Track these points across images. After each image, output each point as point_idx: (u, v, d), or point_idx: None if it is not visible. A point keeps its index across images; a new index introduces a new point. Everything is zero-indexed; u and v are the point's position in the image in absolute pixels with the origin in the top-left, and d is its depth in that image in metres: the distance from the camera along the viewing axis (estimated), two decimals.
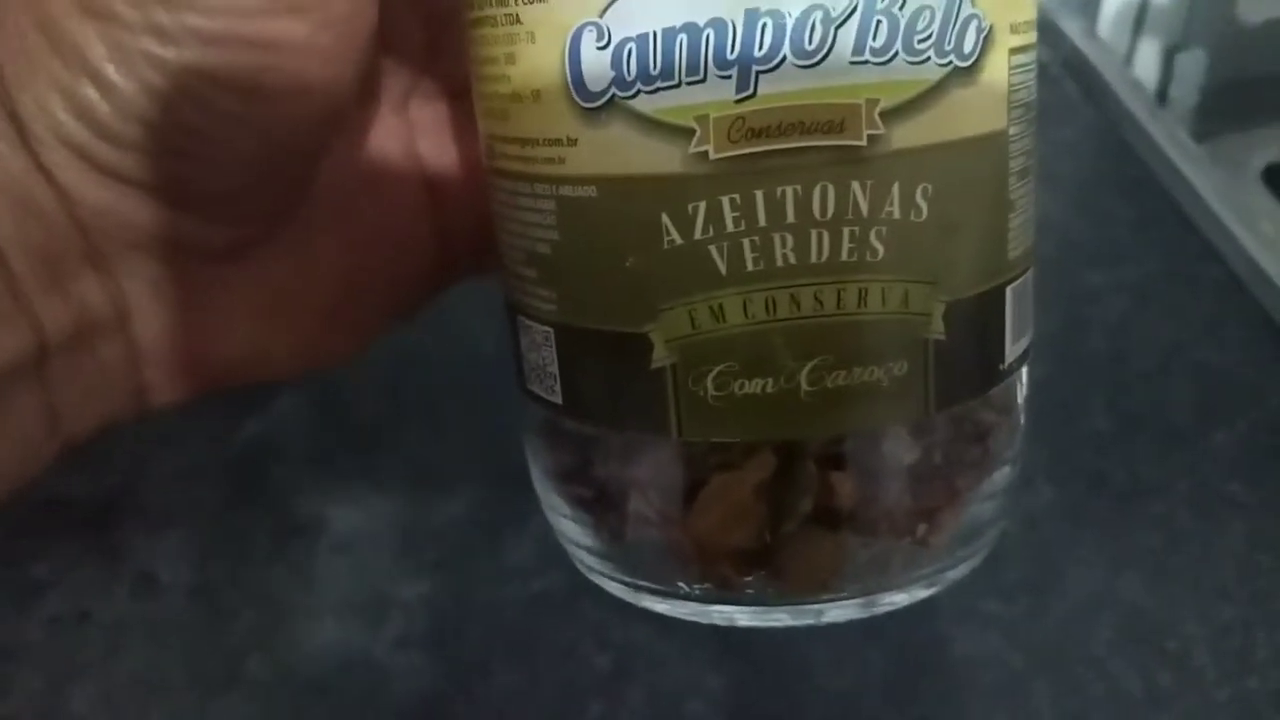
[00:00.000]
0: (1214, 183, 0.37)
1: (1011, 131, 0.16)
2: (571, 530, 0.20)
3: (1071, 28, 0.42)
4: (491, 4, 0.16)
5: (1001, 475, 0.19)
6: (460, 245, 0.22)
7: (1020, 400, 0.20)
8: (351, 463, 0.31)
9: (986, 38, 0.15)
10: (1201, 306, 0.35)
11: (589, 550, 0.19)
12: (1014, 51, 0.16)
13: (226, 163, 0.17)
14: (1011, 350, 0.18)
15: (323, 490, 0.31)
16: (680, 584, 0.18)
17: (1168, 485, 0.31)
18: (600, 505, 0.19)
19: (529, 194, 0.17)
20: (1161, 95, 0.42)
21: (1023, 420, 0.20)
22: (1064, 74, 0.41)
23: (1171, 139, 0.38)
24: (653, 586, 0.18)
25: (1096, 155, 0.39)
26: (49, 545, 0.30)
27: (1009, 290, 0.17)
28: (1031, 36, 0.17)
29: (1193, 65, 0.41)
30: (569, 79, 0.15)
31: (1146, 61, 0.43)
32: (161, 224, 0.17)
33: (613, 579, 0.19)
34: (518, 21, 0.15)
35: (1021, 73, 0.16)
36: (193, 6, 0.15)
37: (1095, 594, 0.29)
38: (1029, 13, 0.17)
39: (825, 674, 0.28)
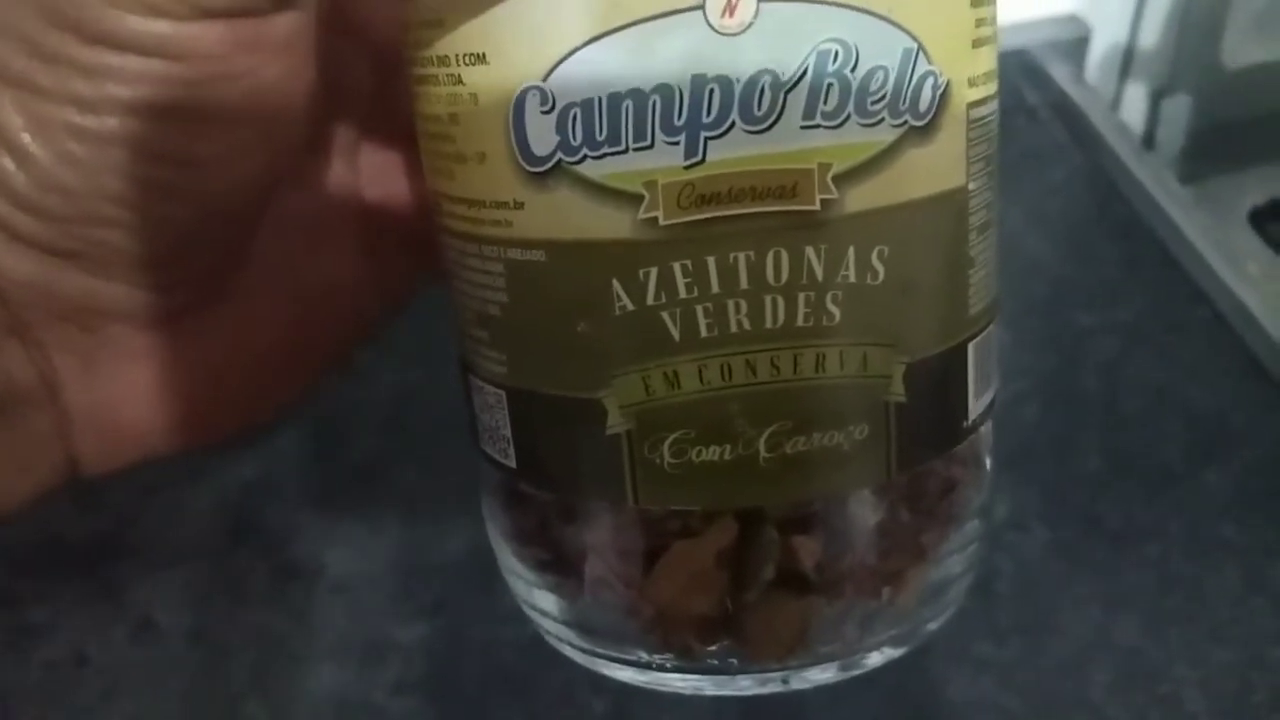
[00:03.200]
0: (1201, 225, 0.37)
1: (971, 187, 0.16)
2: (530, 594, 0.19)
3: (1059, 72, 0.42)
4: (433, 63, 0.15)
5: (969, 529, 0.19)
6: (403, 289, 0.21)
7: (987, 452, 0.19)
8: (348, 503, 0.31)
9: (943, 94, 0.15)
10: (1190, 348, 0.35)
11: (546, 614, 0.19)
12: (973, 105, 0.16)
13: (154, 231, 0.17)
14: (975, 406, 0.17)
15: (320, 531, 0.31)
16: (641, 653, 0.18)
17: (1161, 527, 0.31)
18: (559, 569, 0.18)
19: (477, 255, 0.16)
20: (1148, 139, 0.43)
21: (989, 470, 0.20)
22: (1052, 117, 0.41)
23: (1158, 182, 0.38)
24: (613, 654, 0.18)
25: (1084, 198, 0.39)
26: (46, 587, 0.30)
27: (971, 346, 0.17)
28: (991, 87, 0.17)
29: (1179, 109, 0.42)
30: (513, 142, 0.15)
31: (1133, 105, 0.43)
32: (88, 294, 0.17)
33: (570, 644, 0.19)
34: (460, 82, 0.15)
35: (980, 126, 0.16)
36: (113, 75, 0.15)
37: (1089, 637, 0.28)
38: (988, 64, 0.16)
39: (820, 718, 0.27)
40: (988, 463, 0.19)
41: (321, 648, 0.29)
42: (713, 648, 0.17)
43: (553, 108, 0.14)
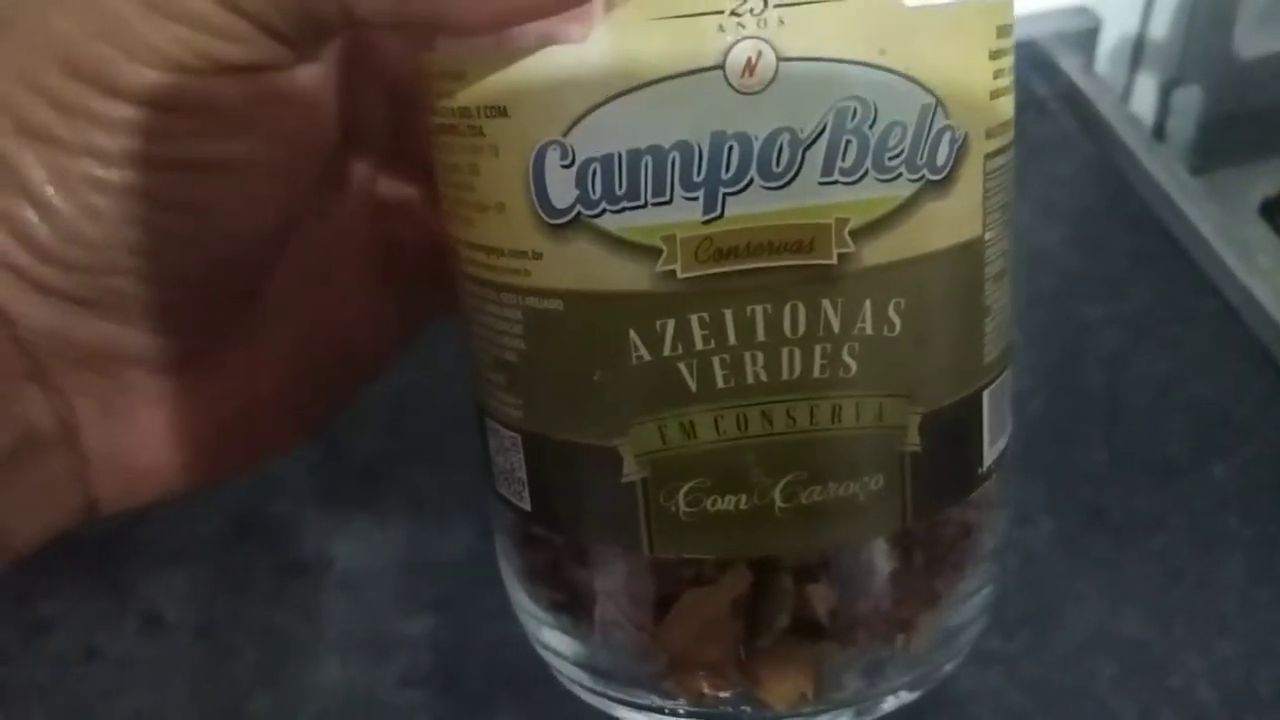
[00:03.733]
0: (1211, 217, 0.37)
1: (987, 236, 0.16)
2: (542, 634, 0.19)
3: (1069, 63, 0.42)
4: (454, 113, 0.16)
5: (984, 572, 0.19)
6: (419, 322, 0.22)
7: (1002, 495, 0.19)
8: (354, 498, 0.31)
9: (960, 148, 0.15)
10: (1198, 340, 0.35)
11: (561, 656, 0.19)
12: (989, 156, 0.16)
13: (173, 279, 0.17)
14: (990, 453, 0.17)
15: (326, 527, 0.31)
16: (653, 697, 0.18)
17: (1166, 519, 0.30)
18: (572, 611, 0.18)
19: (495, 302, 0.16)
20: (1159, 130, 0.43)
21: (1005, 513, 0.20)
22: (1062, 109, 0.41)
23: (1169, 173, 0.38)
24: (625, 698, 0.18)
25: (1094, 189, 0.39)
26: (55, 582, 0.30)
27: (985, 394, 0.17)
28: (1009, 136, 0.17)
29: (1190, 100, 0.41)
30: (533, 195, 0.15)
31: (1144, 96, 0.43)
32: (107, 340, 0.17)
33: (585, 687, 0.19)
34: (481, 134, 0.15)
35: (997, 176, 0.16)
36: (134, 129, 0.15)
37: (1095, 630, 0.28)
38: (1006, 113, 0.16)
39: None
40: (1003, 507, 0.19)
41: (327, 642, 0.29)
42: (725, 694, 0.17)
43: (573, 162, 0.14)
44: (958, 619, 0.19)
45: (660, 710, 0.18)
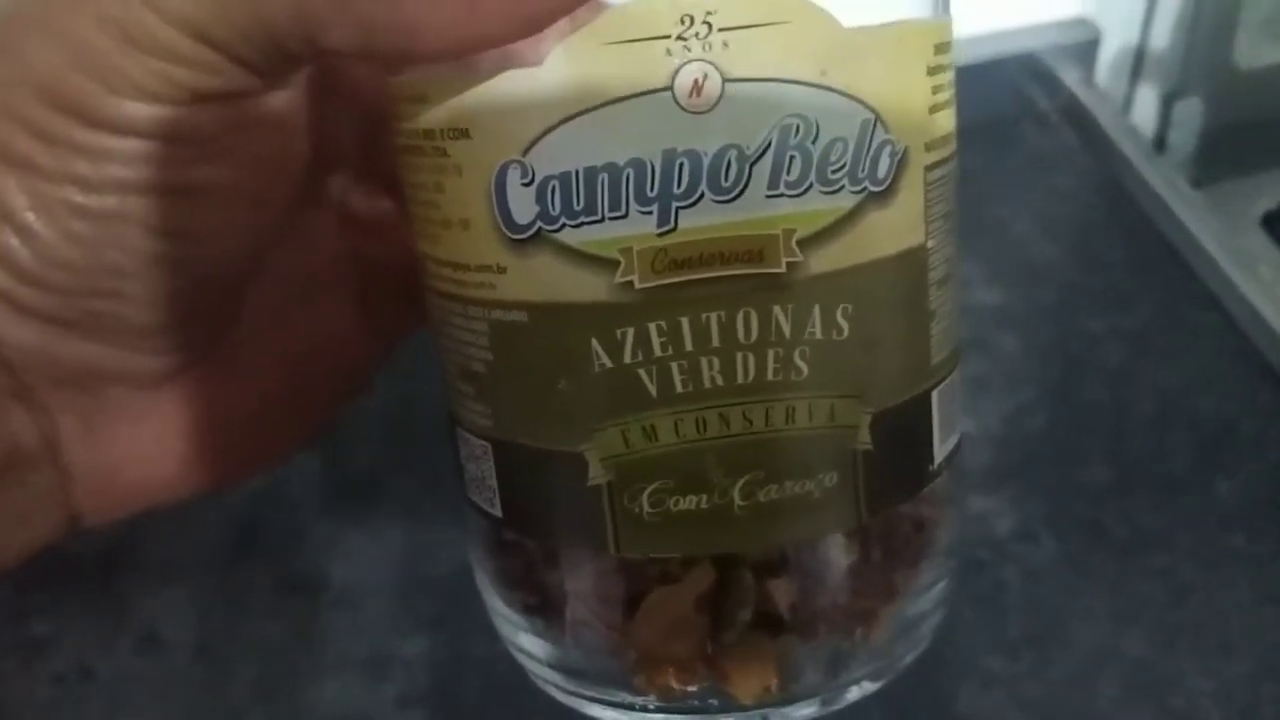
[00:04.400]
0: (1212, 229, 0.36)
1: (930, 244, 0.17)
2: (516, 637, 0.20)
3: (1069, 75, 0.42)
4: (418, 135, 0.16)
5: (939, 564, 0.20)
6: (396, 337, 0.22)
7: (954, 492, 0.20)
8: (352, 515, 0.31)
9: (900, 161, 0.16)
10: (1201, 354, 0.34)
11: (536, 659, 0.19)
12: (930, 168, 0.17)
13: (152, 300, 0.17)
14: (940, 450, 0.18)
15: (324, 544, 0.31)
16: (624, 694, 0.18)
17: (1170, 537, 0.30)
18: (543, 613, 0.19)
19: (462, 315, 0.17)
20: (1159, 142, 0.42)
21: (957, 509, 0.21)
22: (1062, 121, 0.41)
23: (1170, 186, 0.38)
24: (597, 696, 0.18)
25: (1094, 202, 0.39)
26: (52, 601, 0.30)
27: (934, 394, 0.18)
28: (950, 148, 0.18)
29: (1190, 112, 0.41)
30: (496, 211, 0.16)
31: (1144, 108, 0.43)
32: (88, 360, 0.17)
33: (559, 688, 0.19)
34: (444, 154, 0.16)
35: (939, 187, 0.17)
36: (112, 156, 0.16)
37: (1099, 649, 0.28)
38: (945, 126, 0.17)
39: None
40: (958, 503, 0.20)
41: (325, 661, 0.29)
42: (693, 688, 0.18)
43: (532, 180, 0.15)
44: (915, 611, 0.19)
45: (631, 707, 0.18)
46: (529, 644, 0.20)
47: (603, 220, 0.15)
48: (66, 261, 0.16)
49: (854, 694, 0.19)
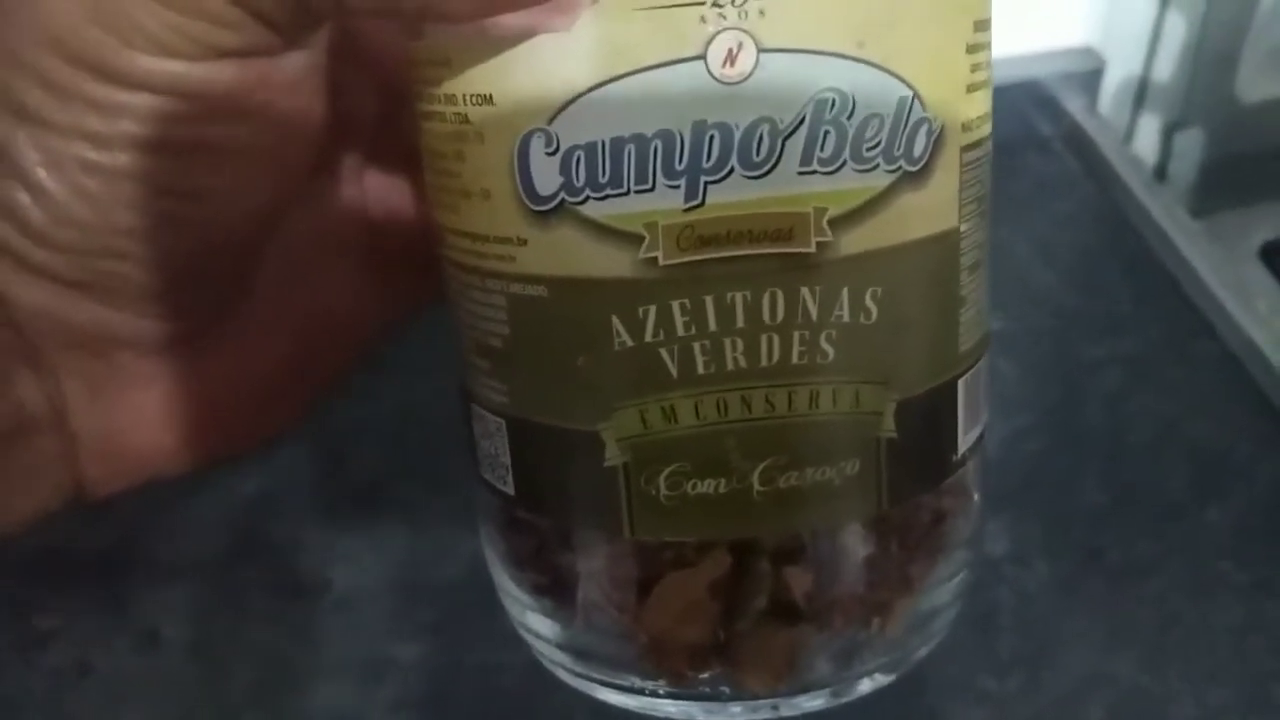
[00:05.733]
0: (1211, 259, 0.37)
1: (963, 228, 0.16)
2: (525, 618, 0.19)
3: (1073, 104, 0.42)
4: (441, 100, 0.16)
5: (957, 558, 0.19)
6: (407, 308, 0.22)
7: (976, 484, 0.20)
8: (353, 519, 0.32)
9: (937, 140, 0.15)
10: (1197, 382, 0.35)
11: (541, 638, 0.19)
12: (966, 149, 0.16)
13: (163, 261, 0.17)
14: (964, 441, 0.18)
15: (324, 547, 0.31)
16: (634, 678, 0.18)
17: (1162, 563, 0.31)
18: (554, 594, 0.19)
19: (480, 288, 0.17)
20: (1160, 172, 0.43)
21: (978, 501, 0.20)
22: (1064, 149, 0.41)
23: (1170, 215, 0.38)
24: (606, 679, 0.18)
25: (1095, 230, 0.39)
26: (53, 597, 0.30)
27: (960, 383, 0.17)
28: (985, 130, 0.17)
29: (1192, 143, 0.41)
30: (518, 182, 0.15)
31: (1146, 138, 0.43)
32: (98, 322, 0.17)
33: (565, 668, 0.19)
34: (466, 121, 0.15)
35: (974, 168, 0.17)
36: (126, 112, 0.15)
37: (1088, 672, 0.28)
38: (982, 107, 0.17)
39: None
40: (976, 494, 0.20)
41: (321, 664, 0.29)
42: (704, 675, 0.17)
43: (557, 150, 0.15)
44: (932, 604, 0.19)
45: (640, 691, 0.18)
46: (537, 624, 0.19)
47: (628, 193, 0.14)
48: (77, 219, 0.16)
49: (866, 686, 0.18)
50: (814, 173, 0.14)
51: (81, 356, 0.18)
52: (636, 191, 0.14)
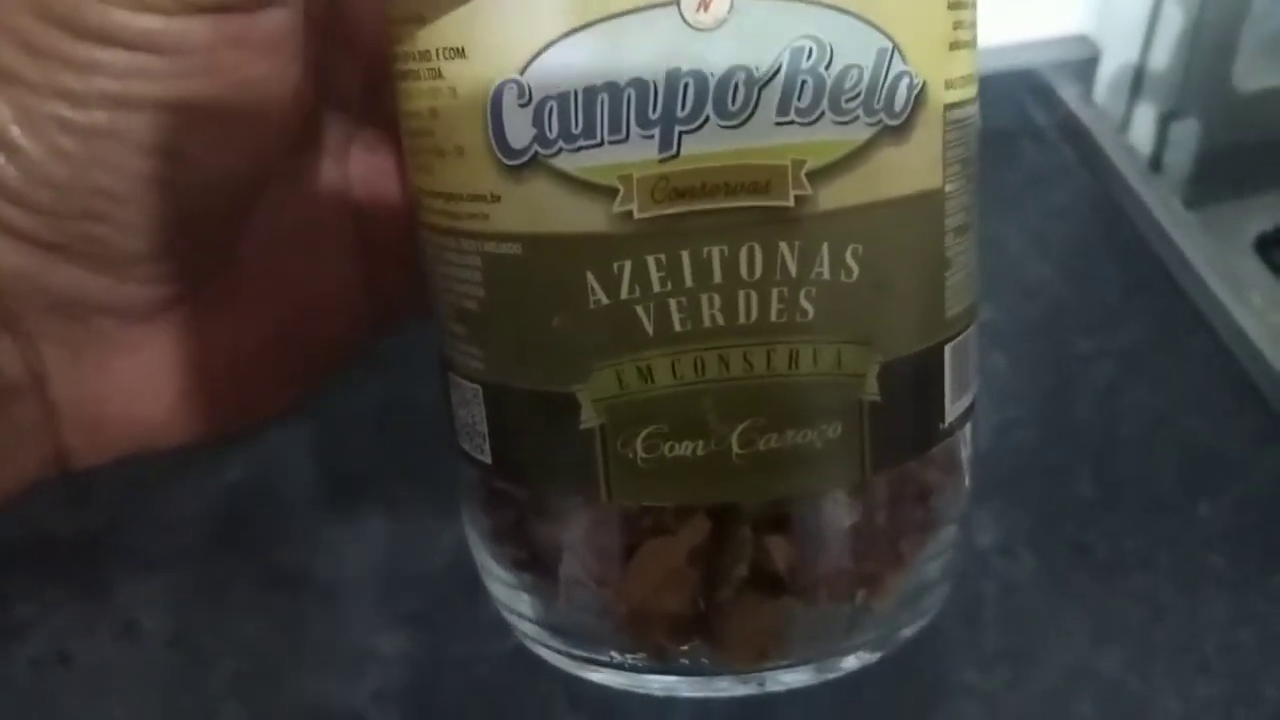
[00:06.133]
0: (1206, 251, 0.37)
1: (948, 189, 0.16)
2: (506, 595, 0.19)
3: (1068, 92, 0.42)
4: (415, 58, 0.16)
5: (947, 535, 0.19)
6: (395, 297, 0.22)
7: (965, 457, 0.19)
8: (336, 511, 0.31)
9: (919, 96, 0.15)
10: (1190, 376, 0.35)
11: (523, 616, 0.19)
12: (950, 107, 0.16)
13: (142, 224, 0.17)
14: (952, 409, 0.17)
15: (306, 538, 0.31)
16: (613, 652, 0.17)
17: (1151, 557, 0.30)
18: (534, 569, 0.18)
19: (455, 249, 0.16)
20: (1156, 162, 0.42)
21: (968, 478, 0.20)
22: (1059, 138, 0.41)
23: (1164, 206, 0.38)
24: (587, 655, 0.18)
25: (1089, 220, 0.39)
26: (33, 585, 0.30)
27: (947, 349, 0.17)
28: (970, 91, 0.17)
29: (1188, 132, 0.41)
30: (491, 135, 0.15)
31: (1142, 128, 0.43)
32: (77, 286, 0.17)
33: (547, 646, 0.18)
34: (440, 76, 0.15)
35: (958, 128, 0.16)
36: (101, 69, 0.15)
37: (1075, 667, 0.28)
38: (966, 67, 0.16)
39: None
40: (966, 468, 0.19)
41: (303, 656, 0.29)
42: (685, 647, 0.17)
43: (529, 101, 0.14)
44: (921, 580, 0.19)
45: (620, 666, 0.18)
46: (518, 602, 0.19)
47: (601, 144, 0.14)
48: (53, 180, 0.16)
49: (852, 663, 0.18)
50: (791, 123, 0.14)
51: (61, 322, 0.18)
52: (610, 142, 0.14)
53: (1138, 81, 0.42)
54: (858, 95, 0.14)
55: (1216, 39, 0.39)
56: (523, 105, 0.14)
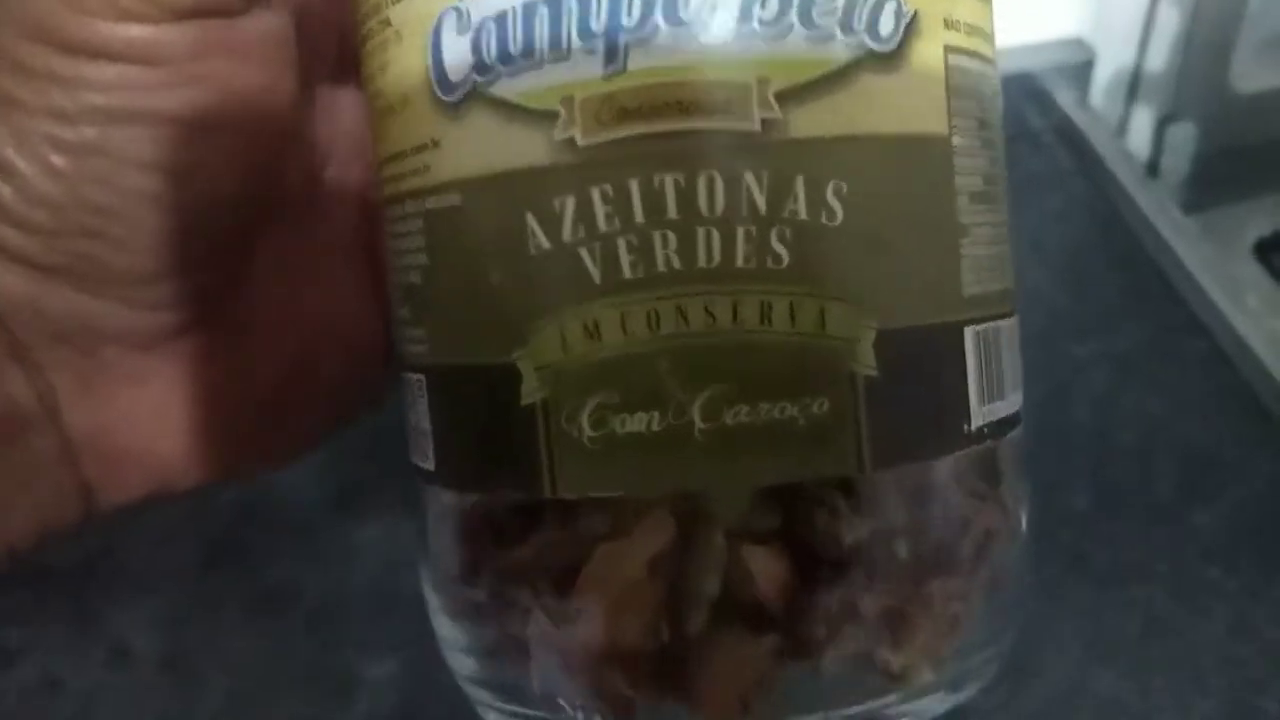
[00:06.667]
0: (1203, 256, 0.36)
1: (956, 142, 0.14)
2: (452, 653, 0.16)
3: (1064, 96, 0.41)
4: (371, 15, 0.15)
5: (993, 583, 0.15)
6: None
7: (1014, 491, 0.16)
8: (329, 530, 0.31)
9: (910, 25, 0.13)
10: (1187, 382, 0.34)
11: (468, 676, 0.16)
12: (952, 50, 0.14)
13: (140, 243, 0.16)
14: (980, 410, 0.14)
15: (298, 559, 0.30)
16: (563, 704, 0.14)
17: (1148, 568, 0.30)
18: (478, 611, 0.15)
19: (401, 216, 0.15)
20: (1153, 166, 0.42)
21: (1024, 526, 0.16)
22: (1055, 142, 0.41)
23: (1162, 210, 0.37)
24: (531, 714, 0.15)
25: (1086, 225, 0.39)
26: (21, 609, 0.30)
27: (968, 333, 0.14)
28: (981, 46, 0.15)
29: (1185, 136, 0.40)
30: (432, 75, 0.14)
31: (1139, 131, 0.42)
32: (79, 312, 0.16)
33: (491, 707, 0.15)
34: (389, 24, 0.14)
35: (967, 79, 0.14)
36: (89, 84, 0.15)
37: (1072, 682, 0.28)
38: (973, 16, 0.15)
39: None
40: (1017, 503, 0.16)
41: (293, 679, 0.28)
42: (647, 696, 0.14)
43: (468, 26, 0.13)
44: (961, 638, 0.15)
45: None
46: (462, 660, 0.16)
47: (541, 65, 0.13)
48: (48, 199, 0.16)
49: None
50: (754, 34, 0.12)
51: (67, 351, 0.17)
52: (550, 62, 0.13)
53: (1134, 85, 0.41)
54: (833, 10, 0.13)
55: (1213, 41, 0.38)
56: (461, 33, 0.13)
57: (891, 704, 0.14)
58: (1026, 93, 0.42)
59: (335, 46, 0.20)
